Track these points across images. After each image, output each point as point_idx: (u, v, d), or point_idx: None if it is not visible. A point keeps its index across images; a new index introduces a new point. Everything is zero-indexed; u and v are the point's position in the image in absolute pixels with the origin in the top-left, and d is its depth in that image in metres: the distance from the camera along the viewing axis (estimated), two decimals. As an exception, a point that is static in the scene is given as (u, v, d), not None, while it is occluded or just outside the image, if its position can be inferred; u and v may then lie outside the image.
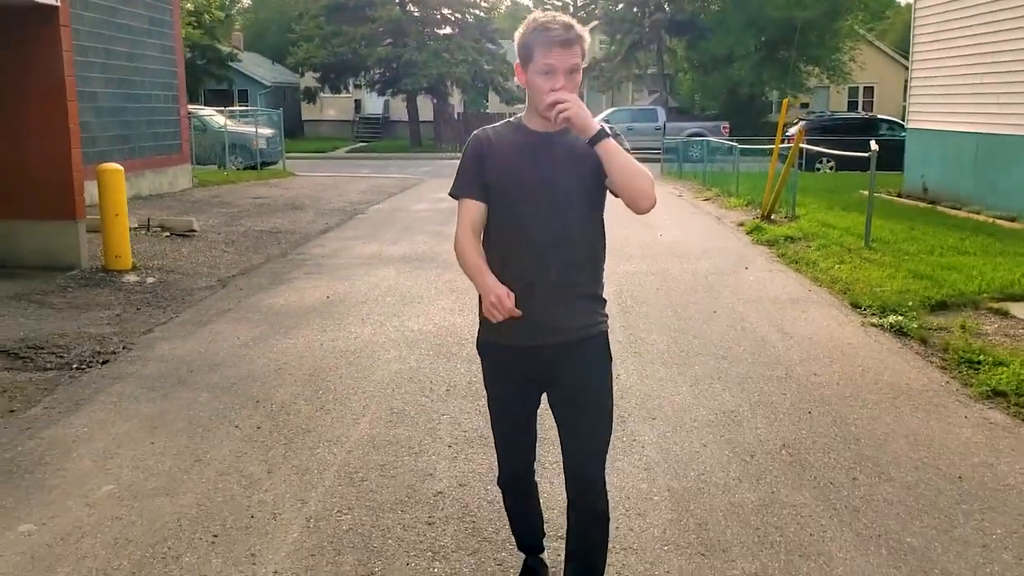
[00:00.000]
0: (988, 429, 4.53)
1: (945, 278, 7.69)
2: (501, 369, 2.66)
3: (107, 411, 4.90)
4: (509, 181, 2.50)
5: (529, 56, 2.44)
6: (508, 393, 2.69)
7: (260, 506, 3.68)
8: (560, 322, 2.51)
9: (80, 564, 3.22)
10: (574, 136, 2.45)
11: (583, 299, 2.55)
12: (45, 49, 8.37)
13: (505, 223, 2.53)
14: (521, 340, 2.54)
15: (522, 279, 2.47)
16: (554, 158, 2.48)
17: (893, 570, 3.14)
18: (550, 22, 2.42)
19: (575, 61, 2.42)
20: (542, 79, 2.42)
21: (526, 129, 2.54)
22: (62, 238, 8.75)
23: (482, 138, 2.59)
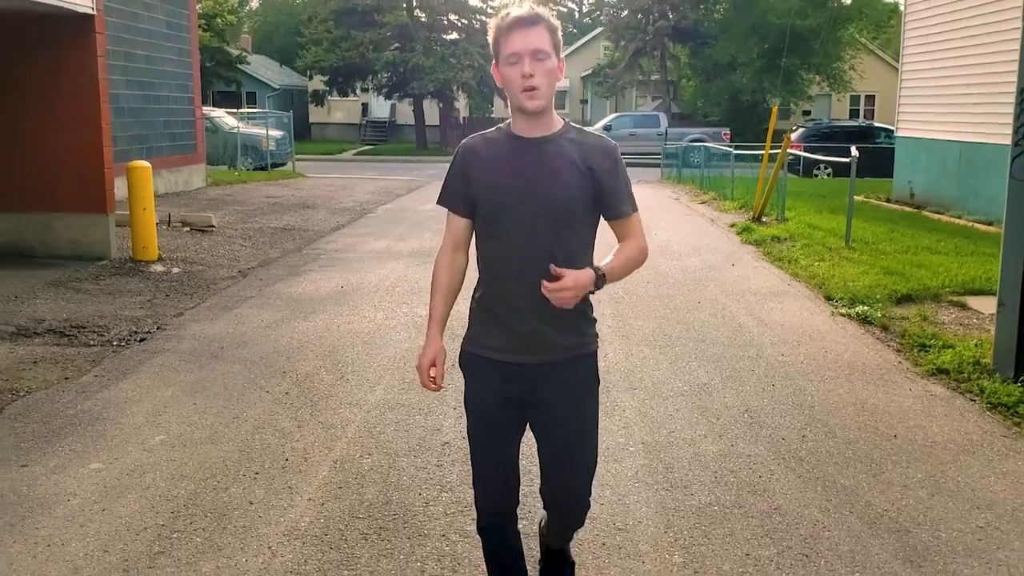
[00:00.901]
0: (927, 399, 5.15)
1: (913, 274, 8.31)
2: (484, 385, 2.52)
3: (151, 379, 5.53)
4: (493, 194, 2.42)
5: (497, 50, 2.38)
6: (490, 411, 2.53)
7: (293, 452, 4.31)
8: (546, 341, 2.43)
9: (144, 493, 3.85)
10: (562, 141, 2.42)
11: (570, 318, 2.41)
12: (81, 54, 9.02)
13: (490, 236, 2.46)
14: (505, 355, 2.46)
15: (508, 294, 2.43)
16: (538, 167, 2.39)
17: (824, 502, 3.76)
18: (511, 9, 2.39)
19: (540, 44, 2.32)
20: (510, 69, 2.34)
21: (511, 135, 2.45)
22: (93, 230, 9.39)
23: (468, 148, 2.50)
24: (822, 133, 26.86)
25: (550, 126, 2.43)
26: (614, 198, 2.44)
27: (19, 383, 5.41)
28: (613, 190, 2.43)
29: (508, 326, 2.43)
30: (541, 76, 2.33)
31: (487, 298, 2.49)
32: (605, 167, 2.42)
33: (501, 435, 2.55)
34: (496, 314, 2.46)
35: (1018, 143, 5.19)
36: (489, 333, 2.49)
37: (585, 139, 2.45)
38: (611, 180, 2.42)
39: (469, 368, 2.56)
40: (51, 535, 3.46)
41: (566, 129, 2.45)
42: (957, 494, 3.86)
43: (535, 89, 2.33)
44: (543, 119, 2.41)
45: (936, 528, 3.53)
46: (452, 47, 36.85)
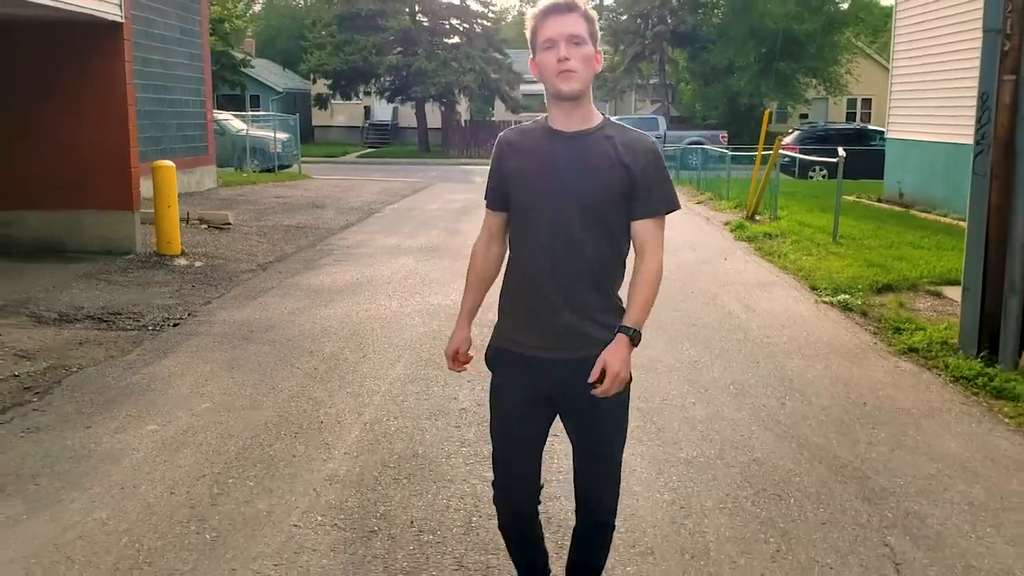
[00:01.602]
0: (897, 374, 5.67)
1: (895, 267, 8.84)
2: (513, 380, 2.50)
3: (190, 357, 6.05)
4: (524, 186, 2.40)
5: (534, 40, 2.36)
6: (517, 408, 2.51)
7: (326, 416, 4.84)
8: (578, 335, 2.39)
9: (199, 448, 4.37)
10: (599, 136, 2.38)
11: (600, 312, 2.41)
12: (110, 60, 9.55)
13: (522, 230, 2.45)
14: (536, 351, 2.43)
15: (538, 289, 2.40)
16: (574, 161, 2.35)
17: (797, 455, 4.28)
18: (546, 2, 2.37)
19: (575, 30, 2.30)
20: (545, 54, 2.32)
21: (548, 129, 2.42)
22: (120, 227, 9.92)
23: (503, 142, 2.50)
24: (817, 136, 27.33)
25: (588, 120, 2.39)
26: (645, 197, 2.38)
27: (70, 360, 5.93)
28: (645, 189, 2.37)
29: (539, 321, 2.41)
30: (577, 60, 2.29)
31: (517, 292, 2.48)
32: (641, 165, 2.36)
33: (527, 433, 2.52)
34: (527, 308, 2.44)
35: (979, 142, 5.72)
36: (519, 328, 2.46)
37: (624, 135, 2.40)
38: (645, 178, 2.36)
39: (498, 363, 2.54)
40: (123, 481, 3.98)
41: (604, 124, 2.41)
42: (915, 449, 4.39)
43: (572, 72, 2.29)
44: (580, 111, 2.37)
45: (893, 475, 4.06)
46: (454, 51, 37.38)
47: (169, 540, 3.42)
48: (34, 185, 9.68)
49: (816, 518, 3.63)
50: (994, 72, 5.58)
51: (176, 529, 3.51)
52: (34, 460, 4.22)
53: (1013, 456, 4.31)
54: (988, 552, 3.36)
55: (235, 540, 3.43)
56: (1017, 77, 5.47)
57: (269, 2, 58.62)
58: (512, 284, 2.50)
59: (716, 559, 3.29)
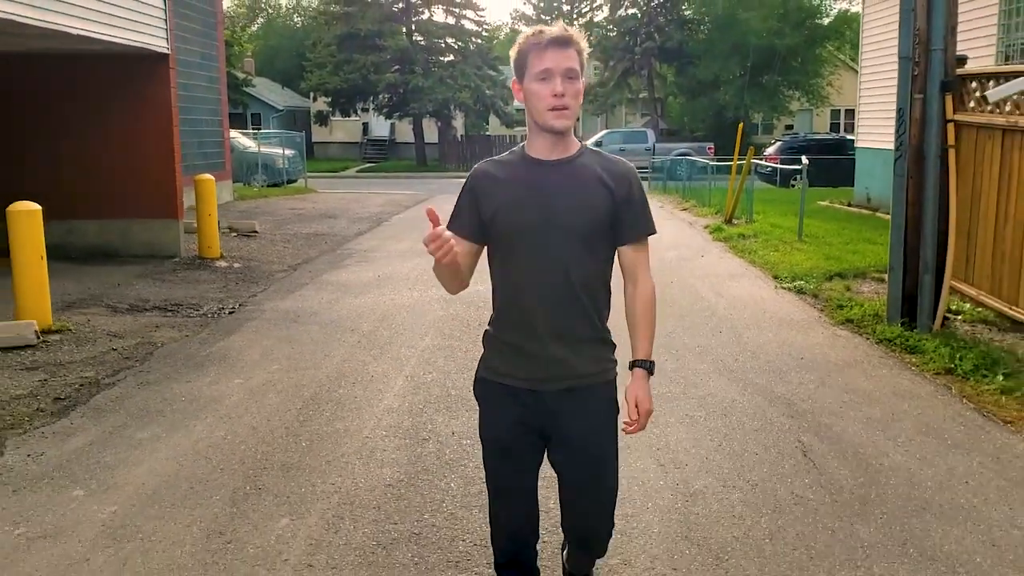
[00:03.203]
0: (833, 338, 6.97)
1: (848, 259, 10.14)
2: (501, 413, 2.49)
3: (251, 335, 7.31)
4: (507, 218, 2.38)
5: (524, 65, 2.35)
6: (508, 440, 2.49)
7: (375, 372, 6.10)
8: (565, 367, 2.40)
9: (279, 394, 5.62)
10: (579, 163, 2.40)
11: (589, 343, 2.44)
12: (158, 86, 10.84)
13: (505, 262, 2.44)
14: (524, 383, 2.43)
15: (524, 320, 2.40)
16: (557, 189, 2.36)
17: (742, 391, 5.55)
18: (544, 28, 2.36)
19: (571, 64, 2.32)
20: (538, 85, 2.32)
21: (528, 158, 2.42)
22: (166, 233, 11.18)
23: (481, 173, 2.49)
24: (798, 146, 28.68)
25: (568, 148, 2.42)
26: (629, 222, 2.43)
27: (153, 338, 7.19)
28: (629, 214, 2.42)
29: (526, 352, 2.41)
30: (571, 96, 2.32)
31: (504, 324, 2.47)
32: (622, 191, 2.40)
33: (519, 466, 2.51)
34: (514, 340, 2.43)
35: (898, 148, 7.02)
36: (506, 360, 2.46)
37: (603, 162, 2.44)
38: (627, 204, 2.41)
39: (485, 396, 2.53)
40: (228, 413, 5.24)
41: (583, 151, 2.44)
42: (835, 386, 5.67)
43: (565, 109, 2.32)
44: (563, 141, 2.40)
45: (814, 402, 5.34)
46: (450, 68, 38.78)
47: (276, 447, 4.68)
48: (91, 197, 10.93)
49: (751, 427, 4.91)
50: (908, 91, 6.88)
51: (279, 441, 4.78)
52: (156, 402, 5.48)
53: (910, 390, 5.59)
54: (872, 443, 4.63)
55: (324, 446, 4.69)
56: (924, 96, 6.77)
57: (267, 22, 59.99)
58: (500, 315, 2.49)
59: (674, 450, 4.56)
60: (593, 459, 2.46)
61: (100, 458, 4.56)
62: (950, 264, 6.94)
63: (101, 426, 5.06)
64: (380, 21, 38.21)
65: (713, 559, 3.42)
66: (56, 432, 4.97)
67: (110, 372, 6.19)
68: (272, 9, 62.74)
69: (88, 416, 5.24)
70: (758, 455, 4.49)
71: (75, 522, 3.81)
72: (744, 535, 3.62)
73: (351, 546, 3.54)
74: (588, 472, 2.47)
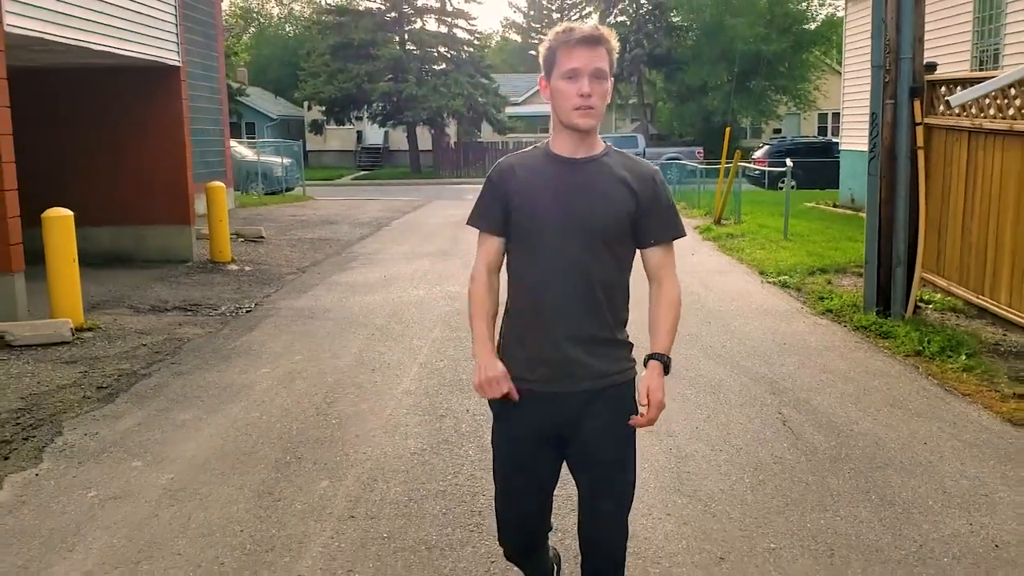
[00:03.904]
0: (814, 326, 7.51)
1: (830, 255, 10.69)
2: (517, 417, 2.44)
3: (271, 331, 7.82)
4: (528, 214, 2.36)
5: (552, 62, 2.32)
6: (524, 446, 2.46)
7: (391, 360, 6.61)
8: (582, 368, 2.36)
9: (306, 380, 6.13)
10: (604, 162, 2.38)
11: (607, 343, 2.40)
12: (170, 98, 11.35)
13: (525, 258, 2.40)
14: (541, 385, 2.39)
15: (544, 319, 2.36)
16: (579, 187, 2.34)
17: (728, 371, 6.08)
18: (575, 25, 2.33)
19: (601, 65, 2.29)
20: (566, 83, 2.30)
21: (552, 155, 2.40)
22: (178, 239, 11.68)
23: (504, 168, 2.46)
24: (786, 149, 29.29)
25: (592, 147, 2.40)
26: (655, 225, 2.39)
27: (179, 335, 7.69)
28: (653, 216, 2.38)
29: (543, 354, 2.37)
30: (598, 96, 2.30)
31: (520, 325, 2.43)
32: (648, 192, 2.37)
33: (534, 472, 2.48)
34: (530, 341, 2.40)
35: (872, 150, 7.57)
36: (522, 362, 2.41)
37: (627, 163, 2.41)
38: (651, 206, 2.37)
39: (500, 402, 2.46)
40: (260, 397, 5.75)
41: (607, 151, 2.41)
42: (814, 367, 6.20)
43: (591, 109, 2.30)
44: (587, 140, 2.38)
45: (794, 381, 5.87)
46: (443, 77, 39.27)
47: (308, 424, 5.19)
48: (105, 205, 11.41)
49: (736, 402, 5.43)
50: (880, 97, 7.43)
51: (311, 419, 5.28)
52: (191, 389, 5.98)
53: (881, 369, 6.13)
54: (844, 414, 5.17)
55: (352, 423, 5.20)
56: (895, 101, 7.32)
57: (259, 32, 60.47)
58: (516, 314, 2.45)
59: (668, 422, 5.08)
60: (610, 462, 2.42)
61: (150, 436, 5.06)
62: (920, 257, 7.49)
63: (145, 410, 5.56)
64: (373, 30, 38.70)
65: (702, 507, 3.94)
66: (105, 415, 5.46)
67: (144, 364, 6.68)
68: (264, 19, 63.26)
69: (132, 402, 5.74)
70: (742, 425, 5.02)
71: (139, 487, 4.31)
72: (729, 488, 4.14)
73: (386, 501, 4.05)
74: (604, 474, 2.42)
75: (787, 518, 3.82)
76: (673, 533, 3.69)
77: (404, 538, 3.70)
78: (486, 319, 2.47)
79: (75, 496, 4.22)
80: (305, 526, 3.84)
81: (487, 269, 2.49)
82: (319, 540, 3.70)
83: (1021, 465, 4.36)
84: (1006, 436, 4.78)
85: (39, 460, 4.72)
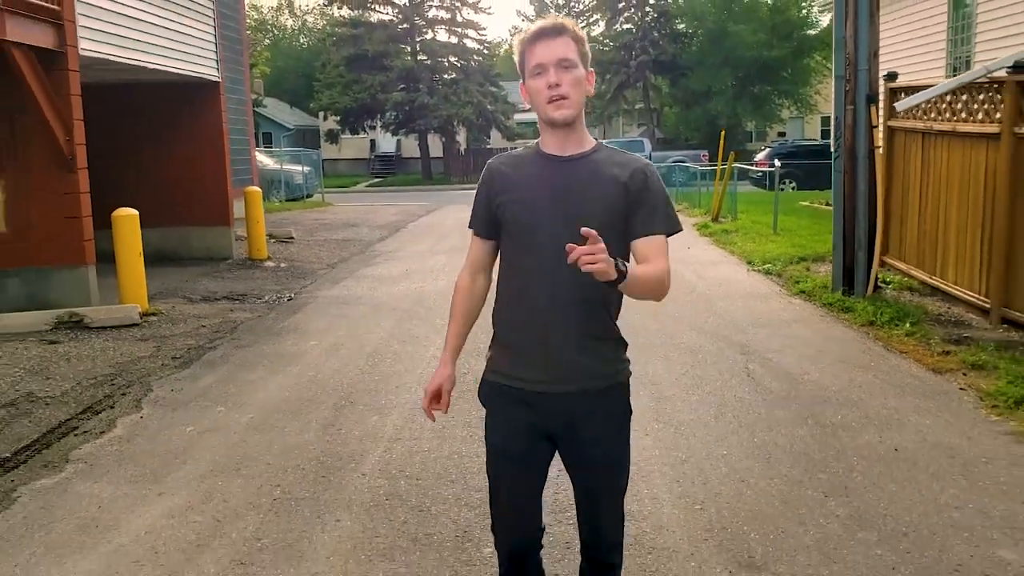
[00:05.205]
0: (788, 304, 8.58)
1: (812, 246, 11.75)
2: (509, 417, 2.43)
3: (312, 314, 8.93)
4: (519, 213, 2.34)
5: (523, 64, 2.32)
6: (517, 446, 2.43)
7: (417, 335, 7.70)
8: (575, 367, 2.34)
9: (349, 350, 7.22)
10: (593, 159, 2.33)
11: (602, 342, 2.38)
12: (211, 110, 12.50)
13: (516, 257, 2.39)
14: (534, 385, 2.37)
15: (535, 318, 2.34)
16: (569, 185, 2.30)
17: (710, 342, 7.15)
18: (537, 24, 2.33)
19: (566, 54, 2.25)
20: (535, 80, 2.28)
21: (541, 154, 2.37)
22: (219, 239, 12.82)
23: (493, 168, 2.45)
24: (787, 152, 30.30)
25: (581, 144, 2.35)
26: (644, 216, 2.31)
27: (232, 318, 8.80)
28: (642, 208, 2.31)
29: (536, 353, 2.35)
30: (568, 85, 2.25)
31: (512, 324, 2.42)
32: (638, 184, 2.31)
33: (527, 472, 2.46)
34: (522, 341, 2.38)
35: (836, 150, 8.62)
36: (515, 361, 2.41)
37: (617, 158, 2.36)
38: (641, 198, 2.31)
39: (492, 400, 2.48)
40: (312, 362, 6.85)
41: (598, 148, 2.38)
42: (782, 335, 7.26)
43: (564, 99, 2.26)
44: (574, 135, 2.34)
45: (763, 344, 6.93)
46: (453, 86, 40.51)
47: (355, 380, 6.29)
48: (154, 208, 12.49)
49: (711, 361, 6.51)
50: (842, 104, 8.49)
51: (357, 377, 6.38)
52: (253, 357, 7.09)
53: (837, 336, 7.20)
54: (799, 368, 6.23)
55: (391, 379, 6.29)
56: (854, 107, 8.38)
57: (274, 44, 61.84)
58: (508, 314, 2.43)
59: (652, 374, 6.15)
60: (605, 463, 2.42)
61: (226, 390, 6.17)
62: (879, 242, 8.55)
63: (217, 372, 6.67)
64: (386, 42, 40.00)
65: (673, 429, 5.02)
66: (184, 377, 6.58)
67: (207, 340, 7.80)
68: (278, 31, 64.68)
69: (204, 367, 6.86)
70: (713, 376, 6.10)
71: (226, 424, 5.42)
72: (696, 418, 5.22)
73: (425, 428, 5.15)
74: (600, 475, 2.43)
75: (739, 436, 4.89)
76: (649, 446, 4.77)
77: (440, 451, 4.80)
78: (461, 323, 2.57)
79: (176, 431, 5.33)
80: (363, 446, 4.94)
81: (471, 272, 2.56)
82: (375, 454, 4.80)
83: (932, 399, 5.43)
84: (927, 381, 5.84)
85: (139, 408, 5.83)
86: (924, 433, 4.86)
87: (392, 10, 42.00)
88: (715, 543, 3.65)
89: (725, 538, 3.69)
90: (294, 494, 4.29)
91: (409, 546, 3.72)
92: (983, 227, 7.34)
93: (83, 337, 7.89)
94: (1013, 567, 3.37)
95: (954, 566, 3.39)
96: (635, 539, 3.66)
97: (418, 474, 4.50)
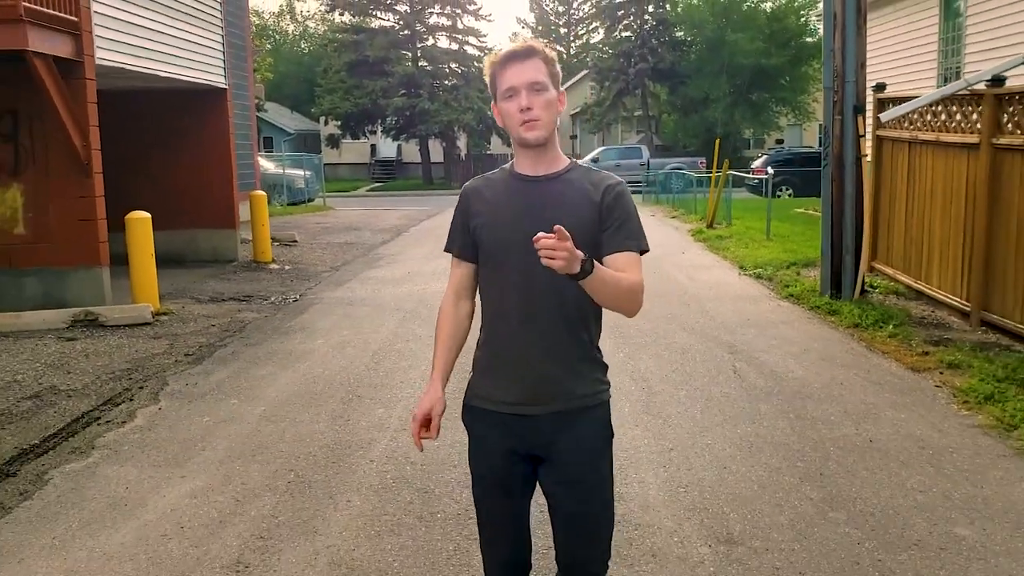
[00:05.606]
0: (777, 307, 8.90)
1: (803, 251, 12.07)
2: (490, 440, 2.43)
3: (318, 314, 9.24)
4: (495, 235, 2.35)
5: (494, 87, 2.33)
6: (499, 469, 2.43)
7: (422, 334, 8.01)
8: (557, 388, 2.34)
9: (356, 348, 7.54)
10: (566, 179, 2.36)
11: (581, 363, 2.37)
12: (218, 116, 12.83)
13: (495, 279, 2.39)
14: (511, 407, 2.37)
15: (515, 340, 2.35)
16: (542, 205, 2.31)
17: (699, 340, 7.47)
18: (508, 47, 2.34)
19: (536, 77, 2.28)
20: (506, 103, 2.30)
21: (515, 175, 2.39)
22: (225, 241, 13.14)
23: (468, 192, 2.46)
24: (783, 159, 30.66)
25: (554, 164, 2.38)
26: (616, 233, 2.32)
27: (240, 318, 9.12)
28: (613, 226, 2.32)
29: (516, 374, 2.36)
30: (540, 108, 2.29)
31: (492, 345, 2.43)
32: (609, 202, 2.33)
33: (510, 495, 2.46)
34: (502, 362, 2.40)
35: (824, 158, 8.95)
36: (495, 383, 2.41)
37: (590, 177, 2.38)
38: (613, 216, 2.33)
39: (473, 423, 2.50)
40: (321, 358, 7.16)
41: (571, 167, 2.40)
42: (770, 336, 7.58)
43: (536, 120, 2.29)
44: (547, 156, 2.37)
45: (750, 344, 7.25)
46: (454, 92, 40.91)
47: (362, 375, 6.60)
48: (162, 211, 12.80)
49: (700, 359, 6.83)
50: (831, 113, 8.82)
51: (363, 373, 6.69)
52: (263, 354, 7.41)
53: (822, 336, 7.52)
54: (784, 366, 6.55)
55: (396, 375, 6.61)
56: (842, 117, 8.71)
57: (275, 49, 62.23)
58: (488, 336, 2.45)
59: (643, 371, 6.47)
60: (586, 485, 2.39)
61: (238, 384, 6.49)
62: (866, 247, 8.88)
63: (229, 368, 6.98)
64: (387, 48, 40.39)
65: (662, 421, 5.34)
66: (198, 372, 6.89)
67: (218, 338, 8.12)
68: (279, 36, 65.08)
69: (216, 363, 7.17)
70: (702, 373, 6.42)
71: (240, 415, 5.73)
72: (684, 411, 5.53)
73: (429, 419, 5.45)
74: (581, 497, 2.39)
75: (723, 428, 5.21)
76: (639, 436, 5.09)
77: (443, 439, 5.08)
78: (447, 347, 2.54)
79: (194, 420, 5.65)
80: (370, 435, 5.25)
81: (455, 296, 2.56)
82: (382, 443, 5.12)
83: (908, 395, 5.75)
84: (905, 379, 6.16)
85: (157, 401, 6.15)
86: (898, 426, 5.17)
87: (393, 16, 42.46)
88: (697, 521, 3.97)
89: (706, 517, 4.01)
90: (307, 478, 4.61)
91: (415, 523, 4.04)
92: (964, 233, 7.66)
93: (99, 335, 8.20)
94: (967, 542, 3.68)
95: (914, 541, 3.71)
96: (623, 517, 3.97)
97: (422, 460, 4.81)
